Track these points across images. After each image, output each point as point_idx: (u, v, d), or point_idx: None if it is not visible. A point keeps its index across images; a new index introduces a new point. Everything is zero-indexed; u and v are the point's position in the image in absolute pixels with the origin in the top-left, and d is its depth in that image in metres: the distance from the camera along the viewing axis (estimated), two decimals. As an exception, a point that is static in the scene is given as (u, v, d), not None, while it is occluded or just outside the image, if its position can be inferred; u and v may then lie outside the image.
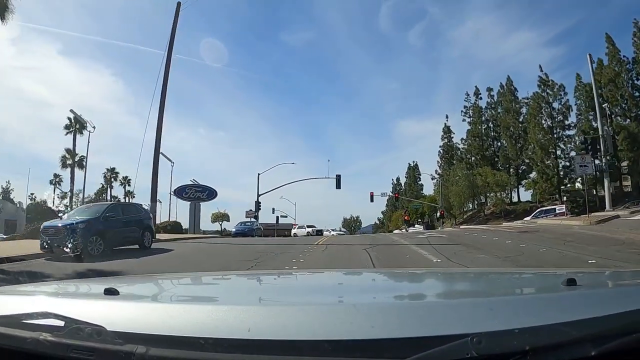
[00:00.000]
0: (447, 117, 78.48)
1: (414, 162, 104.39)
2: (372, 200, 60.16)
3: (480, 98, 69.56)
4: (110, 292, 1.34)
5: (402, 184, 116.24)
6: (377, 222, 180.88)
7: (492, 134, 67.49)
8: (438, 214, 64.01)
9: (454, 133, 76.83)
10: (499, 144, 67.32)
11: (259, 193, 45.84)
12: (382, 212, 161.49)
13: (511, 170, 62.47)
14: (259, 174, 46.26)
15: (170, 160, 45.38)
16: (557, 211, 40.35)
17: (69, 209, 35.12)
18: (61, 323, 1.01)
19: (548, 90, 57.52)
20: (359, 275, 3.01)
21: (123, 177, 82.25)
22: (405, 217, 72.83)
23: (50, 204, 56.59)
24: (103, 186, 72.68)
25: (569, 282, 1.38)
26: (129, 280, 2.74)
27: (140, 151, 31.56)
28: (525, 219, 43.54)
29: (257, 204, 45.27)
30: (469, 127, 69.50)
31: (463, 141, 70.92)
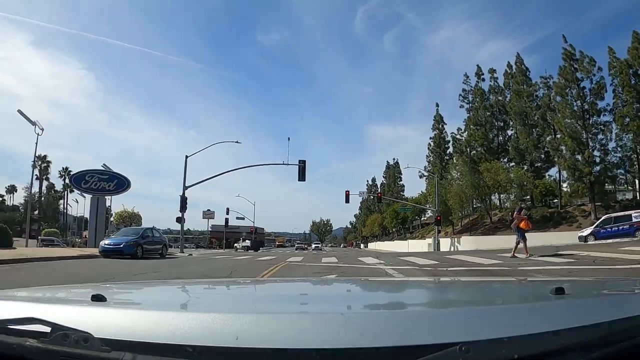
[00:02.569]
0: (437, 105, 65.59)
1: (394, 159, 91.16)
2: (347, 201, 46.05)
3: (483, 79, 56.93)
4: (98, 299, 1.30)
5: (379, 185, 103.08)
6: (349, 225, 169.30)
7: (498, 123, 54.23)
8: (423, 217, 50.64)
9: (446, 123, 63.72)
10: (507, 134, 54.26)
11: (186, 185, 30.62)
12: (355, 216, 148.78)
13: (524, 166, 49.06)
14: (186, 157, 31.15)
15: (34, 124, 29.76)
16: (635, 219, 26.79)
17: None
18: (47, 329, 0.99)
19: (575, 65, 44.57)
20: (348, 284, 2.98)
21: (63, 167, 77.46)
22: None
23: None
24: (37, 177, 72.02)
25: (557, 291, 1.37)
26: (116, 287, 2.53)
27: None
28: (584, 231, 29.59)
29: (183, 200, 30.13)
30: (468, 115, 56.41)
31: (460, 131, 57.61)
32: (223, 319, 1.05)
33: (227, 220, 58.75)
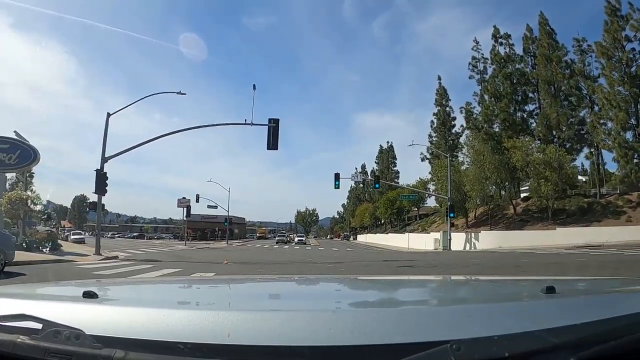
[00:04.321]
0: (439, 78, 56.62)
1: (388, 142, 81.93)
2: (337, 186, 36.74)
3: (500, 43, 47.51)
4: (89, 295, 1.29)
5: (369, 172, 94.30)
6: (337, 215, 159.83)
7: (517, 96, 45.36)
8: (422, 207, 41.73)
9: (450, 99, 54.87)
10: (525, 109, 45.54)
11: (106, 156, 20.76)
12: (343, 206, 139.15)
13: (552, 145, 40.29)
14: (108, 115, 21.21)
15: None
16: None
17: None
18: (39, 326, 1.00)
19: (619, 22, 35.90)
20: (339, 282, 2.79)
21: None
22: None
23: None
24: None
25: (548, 289, 1.37)
26: (108, 284, 2.59)
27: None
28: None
29: (100, 177, 20.33)
30: (480, 86, 47.49)
31: (469, 106, 48.58)
32: (215, 316, 1.05)
33: (188, 208, 48.91)
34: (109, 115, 20.61)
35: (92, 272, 12.68)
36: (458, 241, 36.08)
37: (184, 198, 58.17)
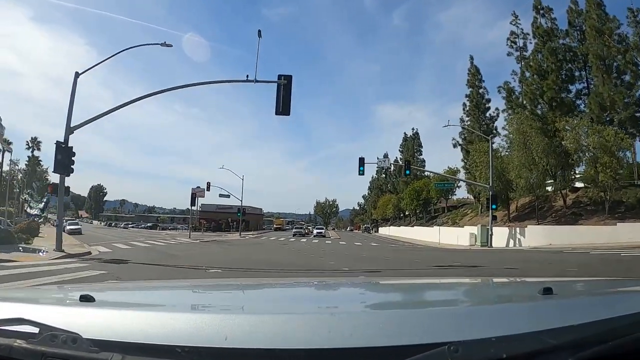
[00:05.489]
0: (471, 57, 51.63)
1: (413, 129, 77.00)
2: (361, 172, 32.42)
3: (543, 15, 42.20)
4: (86, 299, 1.29)
5: (392, 162, 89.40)
6: (357, 207, 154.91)
7: (561, 74, 40.07)
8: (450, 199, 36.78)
9: (483, 80, 49.85)
10: (571, 88, 40.26)
11: (72, 125, 16.76)
12: (364, 197, 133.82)
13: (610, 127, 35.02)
14: (77, 74, 17.01)
15: None
16: None
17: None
18: (36, 330, 0.99)
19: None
20: (337, 285, 2.89)
21: (31, 137, 70.91)
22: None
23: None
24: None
25: (545, 291, 1.39)
26: (105, 287, 2.59)
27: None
28: None
29: (62, 149, 15.86)
30: (521, 64, 42.49)
31: (507, 85, 43.54)
32: (212, 320, 1.05)
33: (194, 197, 44.52)
34: (77, 75, 16.57)
35: None
36: (499, 237, 31.43)
37: (198, 187, 54.37)
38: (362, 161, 32.03)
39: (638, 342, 0.97)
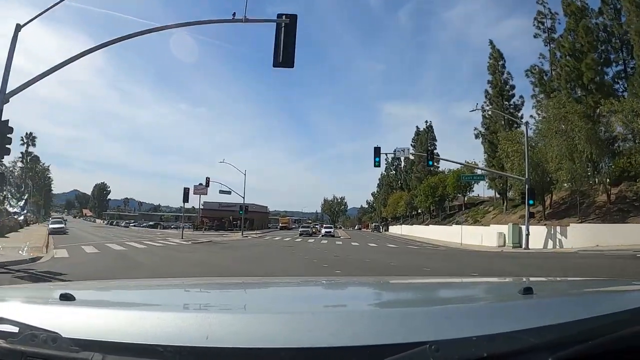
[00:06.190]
0: (491, 42, 47.17)
1: (427, 122, 72.51)
2: (377, 163, 28.52)
3: (575, -8, 37.91)
4: (66, 298, 1.27)
5: (402, 158, 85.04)
6: (366, 205, 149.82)
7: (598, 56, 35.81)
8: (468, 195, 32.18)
9: (505, 64, 45.91)
10: (611, 71, 36.02)
11: (7, 92, 12.99)
12: (373, 194, 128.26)
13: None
14: (18, 26, 13.30)
15: None
16: None
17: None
18: (15, 329, 0.98)
19: None
20: (319, 284, 2.77)
21: (26, 133, 71.79)
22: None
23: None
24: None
25: (525, 290, 1.39)
26: (85, 286, 2.51)
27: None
28: None
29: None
30: (549, 47, 38.54)
31: (537, 68, 39.53)
32: (194, 319, 1.06)
33: (185, 191, 39.78)
34: (18, 27, 12.69)
35: None
36: (534, 237, 27.34)
37: (200, 184, 50.56)
38: (377, 151, 28.08)
39: (617, 341, 0.97)
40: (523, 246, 27.38)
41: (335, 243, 33.70)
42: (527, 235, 26.90)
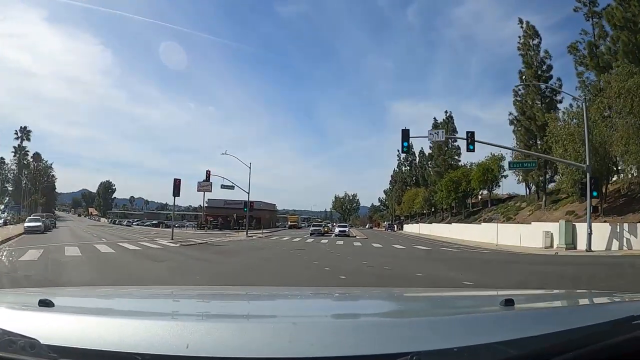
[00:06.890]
0: (520, 20, 42.17)
1: (447, 112, 67.36)
2: (405, 149, 24.05)
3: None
4: (45, 304, 1.25)
5: (416, 152, 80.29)
6: (378, 203, 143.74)
7: None
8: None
9: (541, 42, 41.09)
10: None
11: None
12: (385, 192, 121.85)
13: None
14: None
15: None
16: None
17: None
18: None
19: None
20: (303, 294, 2.79)
21: (21, 127, 70.95)
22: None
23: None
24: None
25: (507, 302, 1.38)
26: (65, 292, 2.51)
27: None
28: None
29: None
30: (590, 21, 33.69)
31: (576, 46, 34.78)
32: (174, 327, 1.04)
33: (177, 185, 33.72)
34: None
35: None
36: (599, 239, 22.41)
37: (204, 181, 46.14)
38: (406, 134, 23.37)
39: (595, 353, 0.98)
40: (579, 247, 22.61)
41: (354, 245, 28.97)
42: (590, 234, 22.00)
